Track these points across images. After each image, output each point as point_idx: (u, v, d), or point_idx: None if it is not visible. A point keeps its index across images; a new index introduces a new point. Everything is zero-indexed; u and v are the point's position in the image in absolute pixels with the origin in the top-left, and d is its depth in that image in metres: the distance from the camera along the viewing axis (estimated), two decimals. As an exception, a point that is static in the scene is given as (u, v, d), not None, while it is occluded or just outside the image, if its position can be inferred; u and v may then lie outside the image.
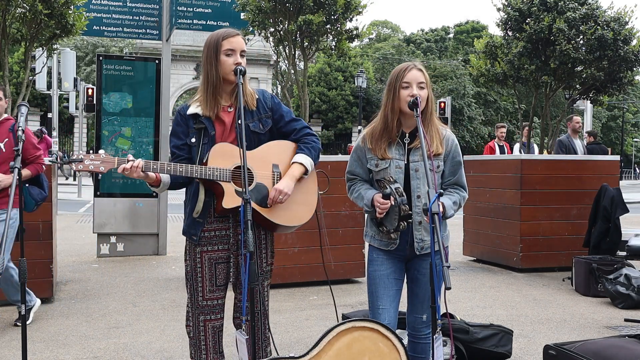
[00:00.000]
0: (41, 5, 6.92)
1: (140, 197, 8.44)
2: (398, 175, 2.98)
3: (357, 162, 3.15)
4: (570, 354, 3.55)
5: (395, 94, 2.97)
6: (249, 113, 2.99)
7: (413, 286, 3.12)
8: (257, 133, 2.99)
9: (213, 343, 3.01)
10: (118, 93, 8.45)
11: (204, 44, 2.99)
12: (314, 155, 3.08)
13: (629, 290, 5.78)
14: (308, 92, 11.94)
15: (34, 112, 33.76)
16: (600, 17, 8.83)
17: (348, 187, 3.20)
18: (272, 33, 9.61)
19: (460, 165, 3.11)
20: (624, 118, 53.80)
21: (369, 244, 3.16)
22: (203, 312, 3.00)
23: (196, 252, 2.98)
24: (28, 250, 3.42)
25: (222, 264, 2.99)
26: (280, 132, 3.08)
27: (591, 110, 23.57)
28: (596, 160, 8.24)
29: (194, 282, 3.00)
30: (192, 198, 2.96)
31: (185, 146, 2.95)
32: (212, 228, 2.97)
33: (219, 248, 2.98)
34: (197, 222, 2.94)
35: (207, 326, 3.00)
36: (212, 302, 2.99)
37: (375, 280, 3.08)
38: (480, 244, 8.22)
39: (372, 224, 3.12)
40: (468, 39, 48.88)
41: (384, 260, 3.08)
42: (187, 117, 2.97)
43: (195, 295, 3.01)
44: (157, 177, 2.85)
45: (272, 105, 3.07)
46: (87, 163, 2.73)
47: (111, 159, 2.77)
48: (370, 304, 3.11)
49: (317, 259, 6.38)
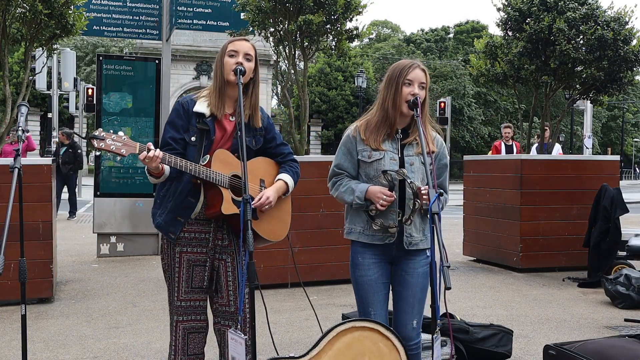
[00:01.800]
0: (41, 5, 6.91)
1: (140, 197, 8.45)
2: (393, 167, 2.94)
3: (345, 155, 3.06)
4: (570, 354, 3.55)
5: (398, 89, 2.94)
6: (248, 128, 3.02)
7: (400, 289, 3.01)
8: (250, 148, 3.02)
9: (182, 345, 3.00)
10: (118, 93, 8.45)
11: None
12: (295, 180, 3.17)
13: (629, 290, 5.78)
14: (308, 92, 11.94)
15: (34, 112, 33.75)
16: (600, 17, 8.81)
17: (332, 182, 3.08)
18: (272, 33, 9.60)
19: (446, 167, 3.10)
20: (624, 118, 53.82)
21: (355, 242, 3.04)
22: (177, 312, 3.00)
23: (175, 252, 2.98)
24: (28, 250, 3.41)
25: (199, 266, 2.98)
26: (269, 152, 3.15)
27: (591, 110, 23.58)
28: (596, 160, 8.25)
29: (172, 281, 3.00)
30: (178, 195, 2.92)
31: (182, 141, 2.94)
32: (192, 230, 2.96)
33: (197, 250, 2.97)
34: (178, 222, 2.93)
35: (178, 327, 3.01)
36: (186, 303, 2.98)
37: (364, 286, 3.01)
38: (480, 244, 8.22)
39: (358, 219, 3.01)
40: (468, 39, 48.86)
41: (370, 264, 3.00)
42: (191, 113, 2.96)
43: (171, 295, 3.02)
44: (162, 168, 2.85)
45: (267, 125, 3.13)
46: (109, 142, 2.68)
47: (133, 144, 2.73)
48: (361, 310, 3.04)
49: (317, 259, 6.39)
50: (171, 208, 2.93)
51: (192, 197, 2.92)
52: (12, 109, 7.43)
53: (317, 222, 6.43)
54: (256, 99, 3.05)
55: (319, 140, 39.24)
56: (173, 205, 2.93)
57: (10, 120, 7.51)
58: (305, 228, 6.23)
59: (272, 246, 5.07)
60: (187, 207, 2.92)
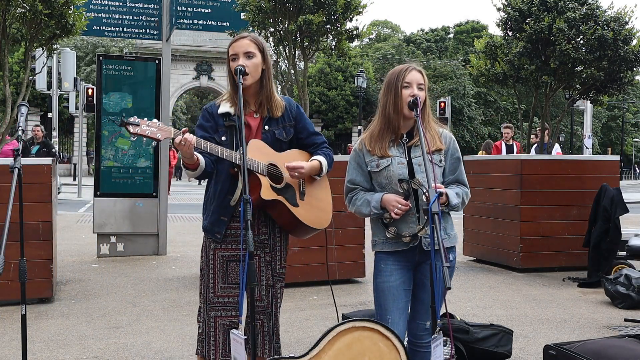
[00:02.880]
0: (41, 5, 6.90)
1: (140, 197, 8.45)
2: (402, 170, 2.95)
3: (356, 169, 3.07)
4: (570, 354, 3.55)
5: (397, 93, 2.95)
6: (275, 120, 3.06)
7: (418, 291, 3.04)
8: (281, 140, 3.07)
9: (222, 340, 3.02)
10: (118, 93, 8.45)
11: None
12: (329, 162, 3.17)
13: (629, 290, 5.78)
14: (308, 92, 11.93)
15: (34, 112, 33.76)
16: (600, 17, 8.82)
17: (349, 199, 3.09)
18: (272, 33, 9.59)
19: (459, 161, 3.09)
20: (624, 118, 53.81)
21: (378, 252, 3.03)
22: (214, 308, 3.02)
23: (210, 249, 3.04)
24: (28, 250, 3.41)
25: (234, 262, 3.02)
26: (301, 142, 3.16)
27: (591, 110, 23.61)
28: (596, 160, 8.24)
29: (207, 278, 3.05)
30: (218, 195, 2.98)
31: (212, 140, 2.97)
32: (231, 226, 3.02)
33: (232, 247, 3.02)
34: (222, 221, 2.99)
35: (217, 323, 3.02)
36: (224, 299, 3.02)
37: (384, 292, 2.98)
38: (480, 244, 8.22)
39: (379, 229, 3.01)
40: (468, 39, 48.88)
41: (393, 270, 2.97)
42: (216, 115, 3.02)
43: (206, 292, 3.05)
44: (197, 160, 2.85)
45: (297, 114, 3.15)
46: (144, 128, 2.70)
47: (168, 129, 2.74)
48: (378, 316, 3.01)
49: (317, 259, 6.39)
50: (214, 209, 3.00)
51: (231, 194, 2.98)
52: (12, 109, 7.43)
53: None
54: (270, 89, 3.05)
55: (319, 140, 39.23)
56: (215, 206, 3.00)
57: (10, 120, 7.50)
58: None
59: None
60: (229, 205, 2.97)
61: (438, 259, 2.59)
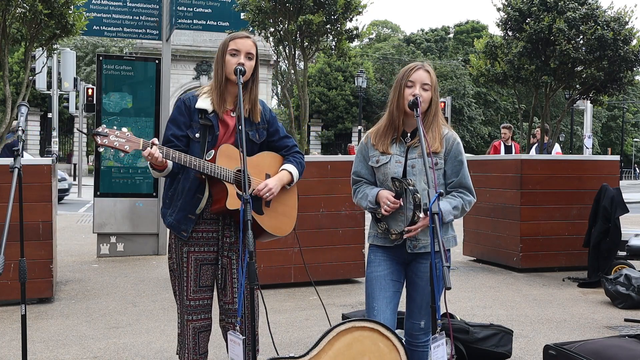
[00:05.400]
0: (41, 5, 6.89)
1: (140, 197, 8.45)
2: (397, 169, 2.97)
3: (361, 162, 3.12)
4: (570, 354, 3.55)
5: (401, 92, 2.98)
6: (249, 122, 3.03)
7: (411, 290, 3.07)
8: (253, 142, 3.04)
9: (193, 344, 3.01)
10: (118, 93, 8.45)
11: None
12: (300, 170, 3.16)
13: (629, 290, 5.78)
14: (308, 92, 11.94)
15: (34, 112, 33.79)
16: (600, 17, 8.80)
17: (353, 190, 3.15)
18: (272, 33, 9.58)
19: (462, 164, 3.05)
20: (624, 118, 53.81)
21: (370, 244, 3.11)
22: (187, 311, 3.01)
23: (182, 252, 3.00)
24: (28, 250, 3.41)
25: (207, 265, 3.00)
26: (272, 145, 3.14)
27: (591, 110, 23.59)
28: (596, 160, 8.24)
29: (180, 281, 3.02)
30: (187, 192, 2.93)
31: (184, 138, 2.95)
32: (201, 229, 2.98)
33: (205, 250, 2.99)
34: (189, 219, 2.94)
35: (188, 326, 3.01)
36: (195, 302, 3.00)
37: (372, 281, 3.03)
38: (480, 244, 8.22)
39: (373, 223, 3.08)
40: (468, 39, 48.88)
41: (381, 261, 3.03)
42: (193, 109, 2.97)
43: (181, 295, 3.03)
44: (165, 162, 2.85)
45: (270, 118, 3.14)
46: (113, 139, 2.69)
47: (137, 140, 2.74)
48: (366, 305, 3.07)
49: (317, 259, 6.39)
50: (181, 206, 2.95)
51: (201, 193, 2.94)
52: (12, 109, 7.43)
53: (317, 222, 6.43)
54: (255, 94, 3.05)
55: (319, 140, 39.27)
56: (183, 203, 2.94)
57: (10, 120, 7.50)
58: (305, 228, 6.22)
59: (272, 246, 5.08)
60: (196, 204, 2.94)
61: (437, 258, 2.60)
